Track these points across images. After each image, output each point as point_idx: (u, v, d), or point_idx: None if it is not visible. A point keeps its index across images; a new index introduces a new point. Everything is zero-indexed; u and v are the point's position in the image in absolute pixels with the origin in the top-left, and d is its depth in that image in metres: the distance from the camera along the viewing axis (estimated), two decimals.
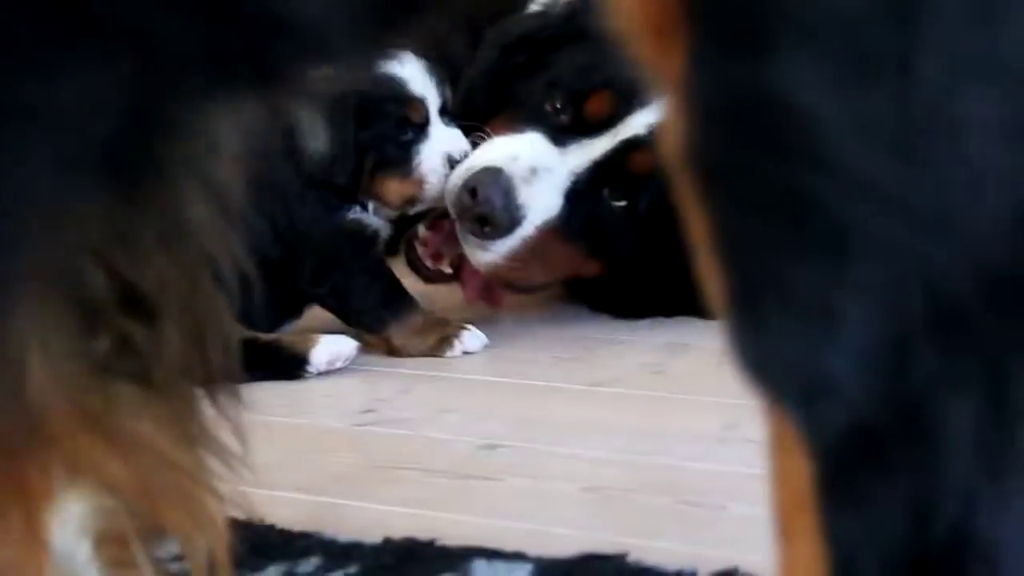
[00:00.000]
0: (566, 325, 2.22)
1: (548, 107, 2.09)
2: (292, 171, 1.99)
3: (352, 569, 1.35)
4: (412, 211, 2.10)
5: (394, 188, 2.04)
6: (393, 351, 2.05)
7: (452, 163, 2.03)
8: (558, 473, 1.62)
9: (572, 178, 2.04)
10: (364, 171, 2.03)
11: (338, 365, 2.00)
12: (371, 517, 1.51)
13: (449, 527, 1.45)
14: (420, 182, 2.03)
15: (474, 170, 2.00)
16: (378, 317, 2.04)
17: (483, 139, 2.09)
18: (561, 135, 2.06)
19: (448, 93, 2.06)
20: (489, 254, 2.02)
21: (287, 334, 2.03)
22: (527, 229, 2.00)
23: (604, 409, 1.85)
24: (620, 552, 1.35)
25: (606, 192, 2.08)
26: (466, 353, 2.04)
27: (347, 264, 2.02)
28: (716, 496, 1.52)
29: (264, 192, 1.96)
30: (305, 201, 2.00)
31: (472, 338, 2.05)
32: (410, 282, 2.14)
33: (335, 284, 2.02)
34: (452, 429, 1.79)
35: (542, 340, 2.11)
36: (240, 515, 1.47)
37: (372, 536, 1.41)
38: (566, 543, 1.39)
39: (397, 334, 2.03)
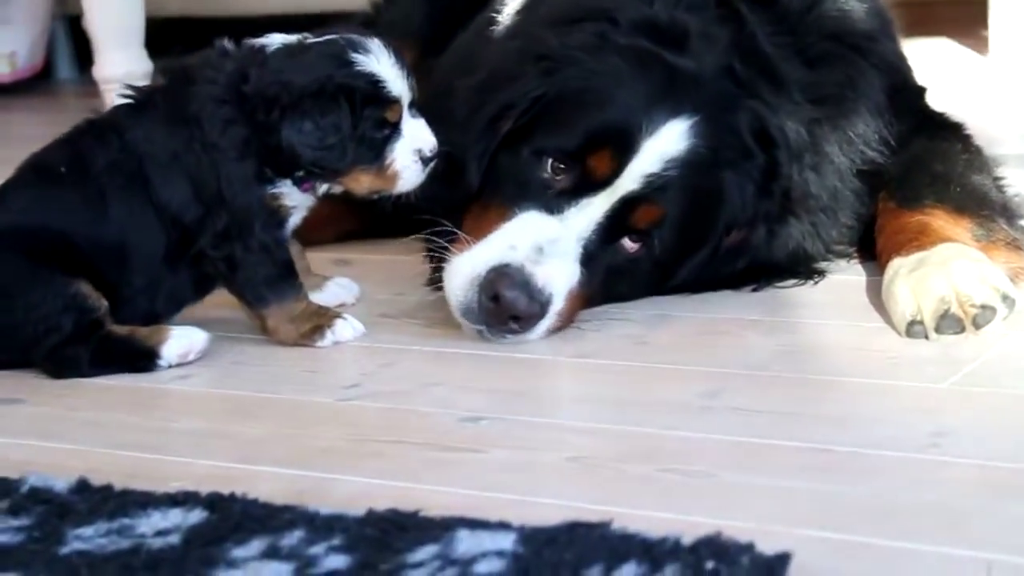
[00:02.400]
0: None
1: (543, 175, 2.02)
2: (233, 137, 1.99)
3: (335, 541, 1.35)
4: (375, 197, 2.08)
5: (366, 182, 2.03)
6: (267, 332, 2.05)
7: (423, 159, 2.01)
8: (542, 444, 1.63)
9: (581, 243, 1.99)
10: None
11: (191, 358, 1.99)
12: (355, 490, 1.52)
13: (433, 498, 1.46)
14: (393, 177, 2.01)
15: (481, 276, 1.94)
16: (260, 295, 2.03)
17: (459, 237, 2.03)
18: (557, 202, 2.01)
19: (414, 83, 2.03)
20: (524, 340, 1.97)
21: (142, 328, 2.02)
22: (557, 305, 1.96)
23: (588, 381, 1.85)
24: (604, 520, 1.36)
25: (622, 242, 2.03)
26: (337, 343, 2.03)
27: (249, 236, 2.00)
28: (699, 463, 1.53)
29: (201, 153, 1.99)
30: (237, 168, 1.99)
31: (345, 328, 2.05)
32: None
33: (231, 252, 2.00)
34: (437, 402, 1.79)
35: None
36: (223, 490, 1.49)
37: (356, 508, 1.42)
38: (550, 512, 1.40)
39: (273, 315, 2.04)
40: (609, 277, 2.04)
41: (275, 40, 2.04)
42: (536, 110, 2.07)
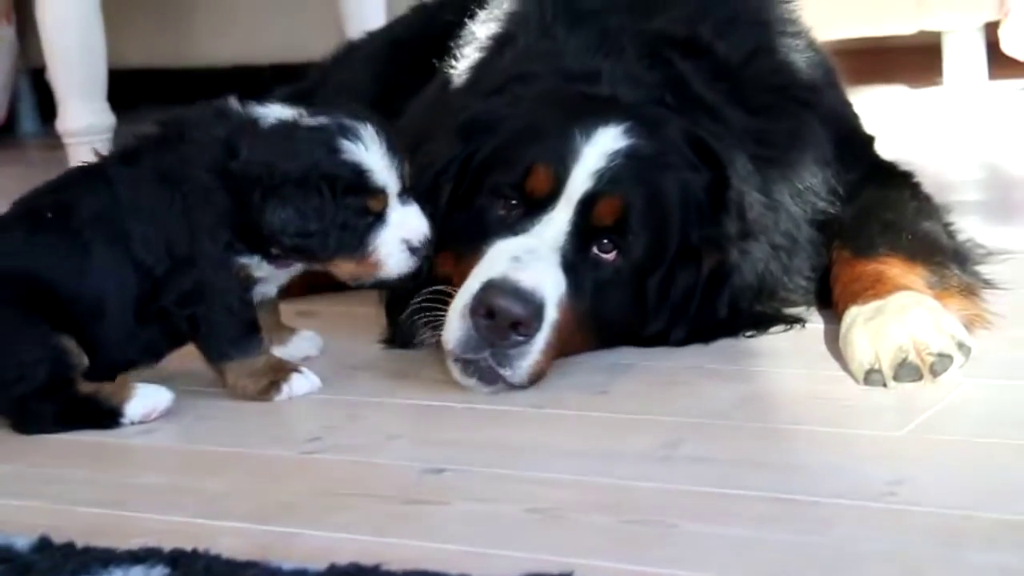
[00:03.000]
0: None
1: (499, 212, 2.07)
2: (211, 207, 2.00)
3: None
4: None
5: (348, 269, 2.02)
6: (226, 387, 2.06)
7: (411, 249, 2.00)
8: (503, 495, 1.63)
9: (557, 251, 2.01)
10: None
11: (154, 416, 1.99)
12: (318, 544, 1.52)
13: (395, 552, 1.46)
14: (376, 265, 2.00)
15: (468, 303, 1.94)
16: (222, 351, 2.04)
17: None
18: (520, 225, 2.04)
19: (407, 170, 2.02)
20: (530, 356, 1.95)
21: (107, 385, 2.01)
22: (551, 312, 1.96)
23: (549, 430, 1.86)
24: (564, 571, 1.36)
25: (595, 251, 2.05)
26: (292, 397, 2.04)
27: (213, 299, 2.01)
28: (659, 514, 1.54)
29: (178, 214, 2.00)
30: (209, 236, 2.00)
31: (301, 382, 2.05)
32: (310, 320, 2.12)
33: (194, 312, 2.01)
34: (399, 454, 1.80)
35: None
36: (186, 546, 1.49)
37: (318, 563, 1.42)
38: (511, 564, 1.41)
39: (233, 370, 2.04)
40: (595, 293, 2.05)
41: (271, 114, 2.03)
42: (474, 168, 2.13)
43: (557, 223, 2.04)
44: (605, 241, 2.06)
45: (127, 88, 5.68)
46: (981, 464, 1.60)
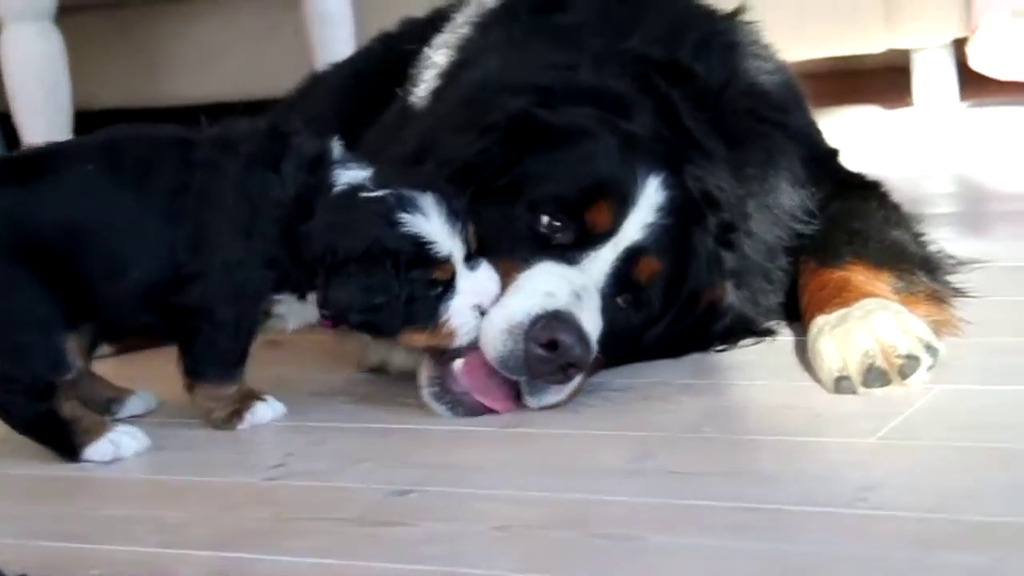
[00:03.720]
0: None
1: (540, 229, 2.00)
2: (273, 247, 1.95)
3: None
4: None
5: (421, 340, 1.94)
6: (195, 406, 2.02)
7: (482, 312, 1.93)
8: (470, 514, 1.61)
9: (599, 295, 1.97)
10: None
11: (124, 455, 1.94)
12: (279, 569, 1.49)
13: (359, 573, 1.44)
14: (450, 335, 1.92)
15: (525, 324, 1.87)
16: (202, 371, 1.99)
17: None
18: (567, 254, 1.98)
19: (472, 234, 1.96)
20: (561, 393, 1.93)
21: (86, 417, 1.95)
22: (592, 356, 1.92)
23: (517, 449, 1.83)
24: None
25: (618, 299, 2.01)
26: (255, 425, 2.00)
27: (228, 320, 1.95)
28: (628, 527, 1.51)
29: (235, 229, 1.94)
30: (257, 273, 1.94)
31: (264, 409, 2.02)
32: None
33: (201, 324, 1.96)
34: (364, 477, 1.77)
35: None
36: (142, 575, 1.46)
37: None
38: None
39: (203, 393, 2.00)
40: (610, 334, 1.99)
41: (343, 178, 1.95)
42: (520, 171, 2.04)
43: (602, 263, 1.99)
44: (629, 294, 2.02)
45: (97, 129, 5.64)
46: (951, 468, 1.58)
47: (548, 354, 1.88)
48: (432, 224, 1.91)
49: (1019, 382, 1.85)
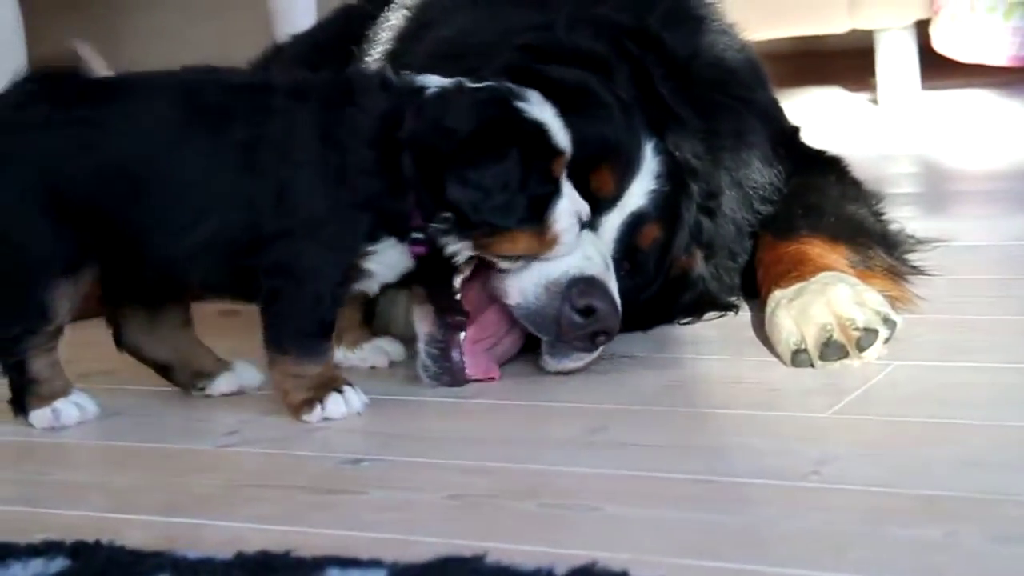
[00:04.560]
0: None
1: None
2: (365, 187, 1.79)
3: None
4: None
5: (523, 244, 1.81)
6: (273, 386, 1.88)
7: (582, 224, 1.84)
8: (423, 484, 1.59)
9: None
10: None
11: (64, 424, 1.88)
12: (228, 535, 1.47)
13: (307, 540, 1.42)
14: (553, 241, 1.81)
15: (563, 284, 1.83)
16: (281, 341, 1.82)
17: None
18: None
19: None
20: (582, 361, 1.90)
21: (56, 380, 1.89)
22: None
23: (472, 420, 1.82)
24: (478, 554, 1.33)
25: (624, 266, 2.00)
26: (327, 419, 1.82)
27: (311, 280, 1.79)
28: (582, 498, 1.50)
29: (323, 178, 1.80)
30: (352, 215, 1.79)
31: (337, 404, 1.82)
32: None
33: (283, 287, 1.79)
34: (317, 446, 1.75)
35: (409, 355, 2.08)
36: (91, 540, 1.44)
37: (226, 552, 1.38)
38: (427, 550, 1.36)
39: (282, 370, 1.84)
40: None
41: (431, 81, 1.84)
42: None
43: (610, 229, 1.97)
44: (627, 261, 2.01)
45: None
46: (904, 443, 1.58)
47: (583, 320, 1.85)
48: (547, 115, 1.81)
49: (973, 359, 1.86)
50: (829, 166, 2.35)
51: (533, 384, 1.93)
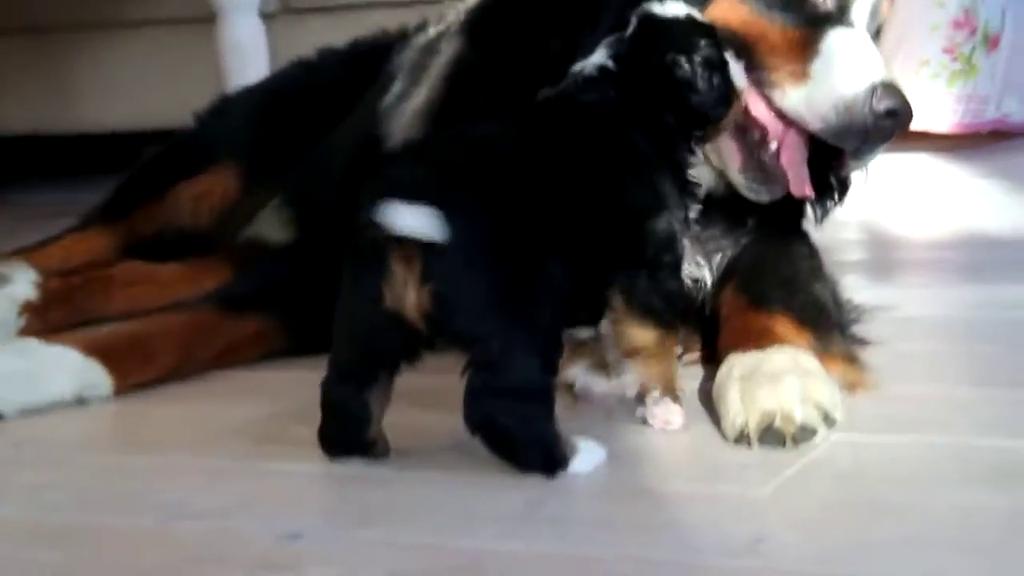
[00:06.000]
0: None
1: None
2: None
3: None
4: None
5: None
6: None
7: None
8: (360, 560, 1.59)
9: None
10: None
11: None
12: None
13: None
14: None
15: (860, 94, 1.95)
16: (657, 309, 1.88)
17: None
18: (839, 14, 2.04)
19: None
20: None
21: None
22: None
23: (412, 493, 1.81)
24: None
25: None
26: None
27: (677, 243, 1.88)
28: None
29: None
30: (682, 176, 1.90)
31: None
32: None
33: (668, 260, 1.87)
34: (255, 520, 1.74)
35: None
36: None
37: None
38: None
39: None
40: None
41: (593, 61, 1.90)
42: None
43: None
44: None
45: (12, 156, 5.60)
46: (841, 522, 1.58)
47: (890, 122, 1.98)
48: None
49: (913, 432, 1.87)
50: (796, 234, 2.33)
51: (467, 454, 1.91)
